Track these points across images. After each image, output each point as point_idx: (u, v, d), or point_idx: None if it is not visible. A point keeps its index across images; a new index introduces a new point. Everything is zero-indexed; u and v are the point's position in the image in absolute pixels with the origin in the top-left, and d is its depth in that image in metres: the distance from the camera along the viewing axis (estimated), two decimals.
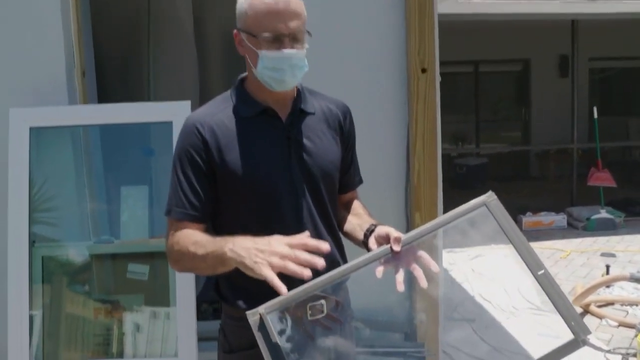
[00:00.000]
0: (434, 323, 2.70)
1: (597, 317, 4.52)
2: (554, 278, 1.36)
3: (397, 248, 1.41)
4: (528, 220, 7.50)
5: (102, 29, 3.20)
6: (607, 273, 5.17)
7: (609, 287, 4.97)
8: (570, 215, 7.69)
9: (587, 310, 4.62)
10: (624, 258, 6.15)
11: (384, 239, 1.46)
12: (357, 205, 1.76)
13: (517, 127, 10.70)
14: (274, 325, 1.30)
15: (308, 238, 1.34)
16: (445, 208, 1.89)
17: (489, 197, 1.46)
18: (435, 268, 1.40)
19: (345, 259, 1.65)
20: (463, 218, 1.44)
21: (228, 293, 1.60)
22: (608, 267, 5.29)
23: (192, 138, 1.52)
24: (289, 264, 1.26)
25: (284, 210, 1.54)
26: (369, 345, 2.16)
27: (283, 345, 1.29)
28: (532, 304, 4.56)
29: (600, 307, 4.67)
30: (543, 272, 1.35)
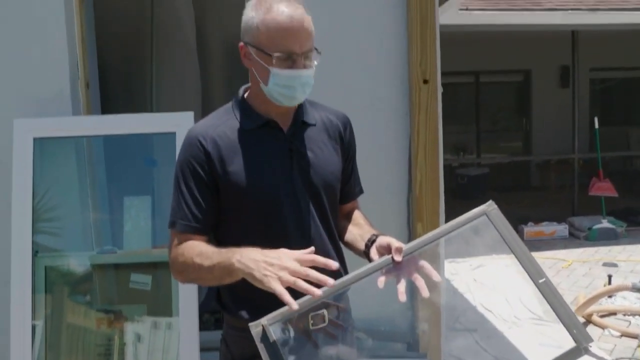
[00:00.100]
0: (436, 333, 2.70)
1: (599, 327, 4.51)
2: (557, 288, 1.37)
3: (398, 258, 1.41)
4: (530, 230, 7.50)
5: (105, 41, 3.23)
6: (609, 283, 5.17)
7: (611, 297, 4.97)
8: (572, 225, 7.68)
9: (589, 320, 4.61)
10: (626, 268, 6.14)
11: (386, 249, 1.47)
12: (357, 216, 1.76)
13: (518, 137, 10.73)
14: (277, 337, 1.30)
15: (317, 255, 1.34)
16: (447, 218, 1.90)
17: (489, 206, 1.47)
18: (437, 277, 1.40)
19: (346, 270, 1.65)
20: (464, 227, 1.44)
21: (230, 304, 1.60)
22: (610, 277, 5.28)
23: (194, 150, 1.52)
24: (300, 282, 1.26)
25: (287, 222, 1.54)
26: (372, 356, 2.16)
27: (286, 357, 1.30)
28: (534, 314, 4.55)
29: (603, 317, 4.66)
30: (544, 280, 1.36)
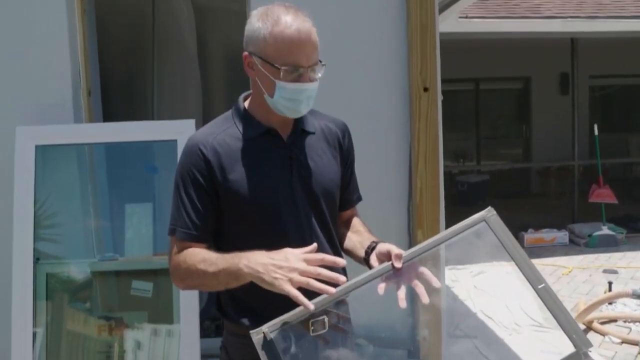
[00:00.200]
0: (437, 340, 2.70)
1: (600, 334, 4.50)
2: (557, 294, 1.37)
3: (398, 265, 1.42)
4: (530, 237, 7.49)
5: (107, 50, 3.25)
6: (609, 290, 5.16)
7: (612, 303, 4.96)
8: (572, 232, 7.68)
9: (590, 327, 4.60)
10: (626, 274, 6.13)
11: (385, 256, 1.47)
12: (357, 223, 1.76)
13: (518, 144, 10.73)
14: (278, 344, 1.30)
15: (325, 254, 1.36)
16: (447, 225, 1.91)
17: (488, 212, 1.48)
18: (437, 284, 1.41)
19: (346, 276, 1.66)
20: (463, 234, 1.45)
21: (231, 311, 1.60)
22: (610, 283, 5.27)
23: (194, 158, 1.52)
24: (313, 282, 1.28)
25: (287, 230, 1.54)
26: None
27: None
28: (534, 321, 4.55)
29: (603, 324, 4.65)
30: (543, 286, 1.37)
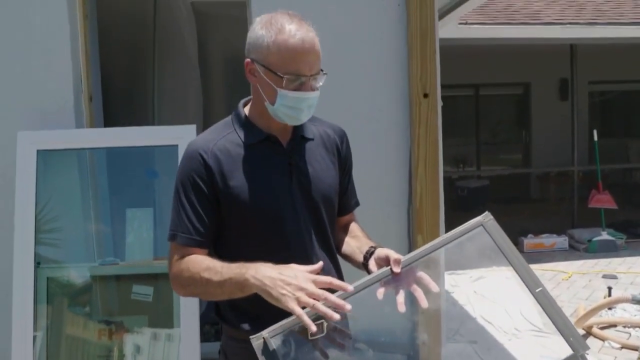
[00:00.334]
0: (437, 345, 2.70)
1: (599, 339, 4.50)
2: (556, 300, 1.38)
3: (397, 270, 1.43)
4: (529, 243, 7.49)
5: (109, 55, 3.26)
6: (609, 295, 5.16)
7: (611, 309, 4.96)
8: (572, 237, 7.68)
9: (589, 333, 4.60)
10: (626, 280, 6.13)
11: (384, 261, 1.48)
12: (355, 228, 1.77)
13: (517, 149, 10.74)
14: (278, 349, 1.31)
15: (334, 279, 1.36)
16: (447, 230, 1.91)
17: (485, 217, 1.49)
18: (435, 288, 1.41)
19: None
20: (461, 238, 1.46)
21: (230, 316, 1.60)
22: (610, 289, 5.28)
23: (195, 164, 1.52)
24: (318, 305, 1.28)
25: (287, 236, 1.55)
26: None
27: None
28: (534, 326, 4.55)
29: (603, 329, 4.66)
30: (541, 289, 1.38)
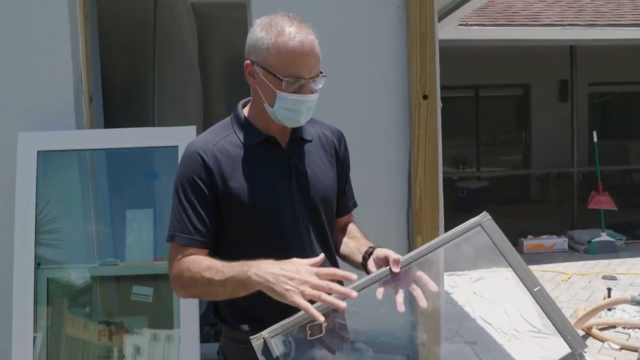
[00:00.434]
0: (436, 345, 2.71)
1: (599, 340, 4.51)
2: (556, 301, 1.39)
3: (396, 269, 1.43)
4: (529, 244, 7.50)
5: (109, 56, 3.27)
6: (608, 296, 5.17)
7: (611, 310, 4.97)
8: (572, 239, 7.69)
9: (589, 333, 4.61)
10: (626, 281, 6.14)
11: (383, 261, 1.49)
12: (353, 229, 1.78)
13: (517, 151, 10.74)
14: (278, 349, 1.31)
15: (336, 269, 1.37)
16: (447, 231, 1.92)
17: (483, 217, 1.50)
18: (434, 288, 1.42)
19: (342, 284, 1.67)
20: (459, 238, 1.47)
21: (230, 317, 1.61)
22: (609, 290, 5.29)
23: (195, 165, 1.52)
24: (324, 296, 1.28)
25: (286, 236, 1.55)
26: None
27: None
28: (533, 327, 4.55)
29: (602, 330, 4.66)
30: (539, 288, 1.39)
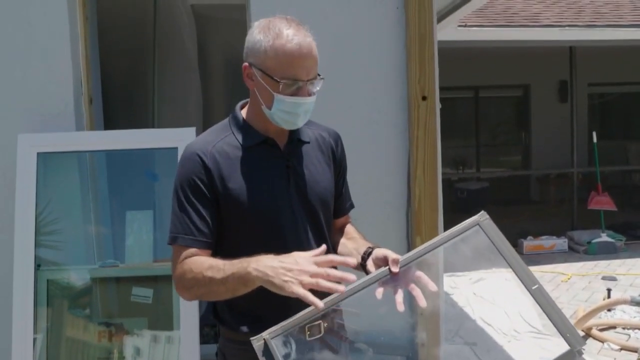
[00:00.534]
0: (436, 346, 2.71)
1: (599, 340, 4.51)
2: (556, 302, 1.39)
3: (395, 269, 1.44)
4: (529, 244, 7.50)
5: (109, 57, 3.27)
6: (608, 297, 5.17)
7: (611, 310, 4.97)
8: (571, 239, 7.69)
9: (588, 334, 4.61)
10: (626, 281, 6.14)
11: (382, 261, 1.49)
12: (351, 230, 1.78)
13: (517, 151, 10.75)
14: (279, 350, 1.32)
15: (334, 255, 1.38)
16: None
17: (481, 216, 1.51)
18: (433, 287, 1.42)
19: (340, 283, 1.67)
20: (458, 238, 1.48)
21: (229, 318, 1.61)
22: (609, 290, 5.29)
23: (195, 166, 1.52)
24: (322, 281, 1.29)
25: (285, 237, 1.56)
26: None
27: None
28: (533, 328, 4.55)
29: (602, 330, 4.66)
30: (537, 287, 1.39)
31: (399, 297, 1.40)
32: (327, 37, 2.62)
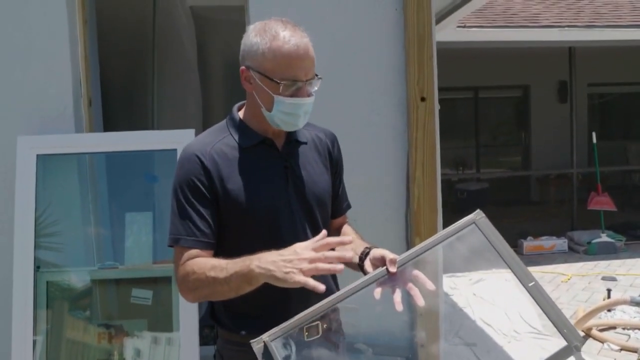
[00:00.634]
0: (435, 347, 2.71)
1: (599, 341, 4.51)
2: (556, 302, 1.39)
3: (393, 269, 1.44)
4: (529, 245, 7.49)
5: (108, 59, 3.27)
6: (608, 297, 5.17)
7: (611, 311, 4.97)
8: (571, 240, 7.69)
9: (588, 335, 4.61)
10: (626, 282, 6.14)
11: (380, 261, 1.49)
12: (348, 230, 1.79)
13: (517, 152, 10.76)
14: (279, 352, 1.32)
15: (330, 238, 1.39)
16: None
17: (477, 215, 1.51)
18: (431, 286, 1.42)
19: (337, 285, 1.67)
20: (454, 236, 1.48)
21: (227, 320, 1.61)
22: (609, 291, 5.29)
23: (194, 167, 1.52)
24: (320, 265, 1.30)
25: (284, 238, 1.55)
26: None
27: None
28: (533, 328, 4.55)
29: (602, 331, 4.66)
30: (534, 283, 1.40)
31: (398, 297, 1.40)
32: (325, 38, 2.63)
